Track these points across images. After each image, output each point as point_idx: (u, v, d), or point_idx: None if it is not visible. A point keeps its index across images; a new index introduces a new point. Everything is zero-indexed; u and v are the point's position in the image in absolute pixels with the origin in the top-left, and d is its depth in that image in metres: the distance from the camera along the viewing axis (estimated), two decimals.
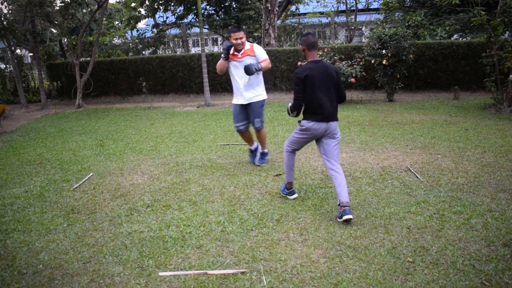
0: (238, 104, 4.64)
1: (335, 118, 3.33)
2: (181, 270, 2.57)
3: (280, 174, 4.38)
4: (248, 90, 4.53)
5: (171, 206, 3.61)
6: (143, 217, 3.41)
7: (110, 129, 7.92)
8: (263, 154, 4.79)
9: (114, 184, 4.34)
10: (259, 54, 4.48)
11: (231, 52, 4.48)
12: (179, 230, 3.11)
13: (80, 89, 12.15)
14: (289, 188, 3.68)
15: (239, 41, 4.38)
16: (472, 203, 3.38)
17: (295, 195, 3.68)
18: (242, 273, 2.49)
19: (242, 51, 4.44)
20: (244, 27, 17.34)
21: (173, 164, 5.01)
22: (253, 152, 4.84)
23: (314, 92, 3.26)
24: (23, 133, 7.94)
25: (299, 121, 3.40)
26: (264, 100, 4.63)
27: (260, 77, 4.58)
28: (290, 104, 3.39)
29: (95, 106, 12.34)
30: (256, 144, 4.84)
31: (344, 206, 3.13)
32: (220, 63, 4.51)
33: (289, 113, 3.42)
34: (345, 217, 3.09)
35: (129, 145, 6.31)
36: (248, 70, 4.22)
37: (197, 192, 3.95)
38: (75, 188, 4.27)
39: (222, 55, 4.45)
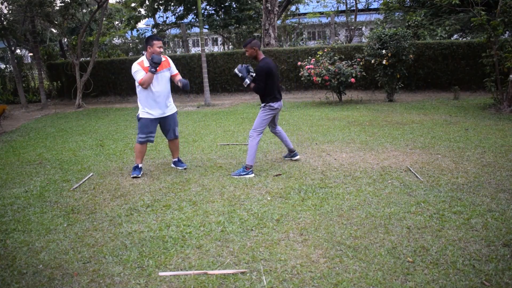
0: (156, 118, 4.50)
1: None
2: (181, 270, 2.57)
3: (280, 174, 4.38)
4: (165, 102, 4.51)
5: (171, 206, 3.61)
6: (143, 217, 3.41)
7: (110, 129, 7.93)
8: (180, 161, 4.84)
9: (114, 184, 4.34)
10: (173, 67, 4.58)
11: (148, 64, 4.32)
12: (179, 230, 3.11)
13: (80, 89, 12.15)
14: (248, 169, 4.39)
15: (161, 50, 4.32)
16: (472, 203, 3.38)
17: (253, 174, 4.39)
18: (242, 273, 2.49)
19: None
20: (244, 27, 17.35)
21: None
22: (137, 169, 4.56)
23: (274, 81, 4.40)
24: (23, 133, 7.94)
25: (263, 106, 4.44)
26: (176, 109, 4.71)
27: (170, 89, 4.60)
28: (248, 81, 4.34)
29: (95, 106, 12.34)
30: (141, 165, 4.64)
31: (293, 151, 4.88)
32: (150, 77, 4.23)
33: (241, 79, 4.38)
34: (296, 157, 4.88)
35: (129, 145, 6.31)
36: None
37: (197, 192, 3.95)
38: (75, 188, 4.27)
39: (152, 68, 4.19)
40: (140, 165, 4.61)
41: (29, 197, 4.02)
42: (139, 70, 4.29)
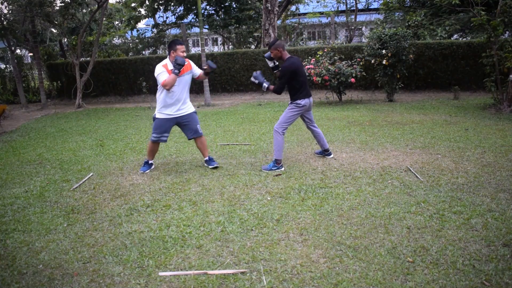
0: (171, 117, 4.55)
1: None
2: (181, 270, 2.57)
3: (280, 174, 4.38)
4: (185, 102, 4.59)
5: (171, 206, 3.61)
6: (143, 217, 3.41)
7: (110, 129, 7.93)
8: (211, 160, 4.80)
9: (114, 184, 4.34)
10: (195, 68, 4.63)
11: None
12: (179, 230, 3.11)
13: (80, 89, 12.15)
14: (278, 163, 4.52)
15: (185, 53, 4.39)
16: (472, 203, 3.38)
17: (283, 168, 4.53)
18: (242, 273, 2.49)
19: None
20: (244, 27, 17.35)
21: (173, 164, 5.01)
22: (146, 165, 4.75)
23: (301, 78, 4.46)
24: (23, 133, 7.94)
25: (290, 103, 4.53)
26: (194, 109, 4.74)
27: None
28: (266, 85, 4.48)
29: (95, 106, 12.34)
30: (152, 162, 4.80)
31: (328, 151, 4.93)
32: (173, 78, 4.26)
33: (259, 85, 4.51)
34: (331, 156, 4.93)
35: (129, 145, 6.31)
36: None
37: (197, 192, 3.95)
38: (75, 188, 4.27)
39: (175, 70, 4.21)
40: (150, 161, 4.78)
41: (29, 197, 4.02)
42: (163, 72, 4.31)
